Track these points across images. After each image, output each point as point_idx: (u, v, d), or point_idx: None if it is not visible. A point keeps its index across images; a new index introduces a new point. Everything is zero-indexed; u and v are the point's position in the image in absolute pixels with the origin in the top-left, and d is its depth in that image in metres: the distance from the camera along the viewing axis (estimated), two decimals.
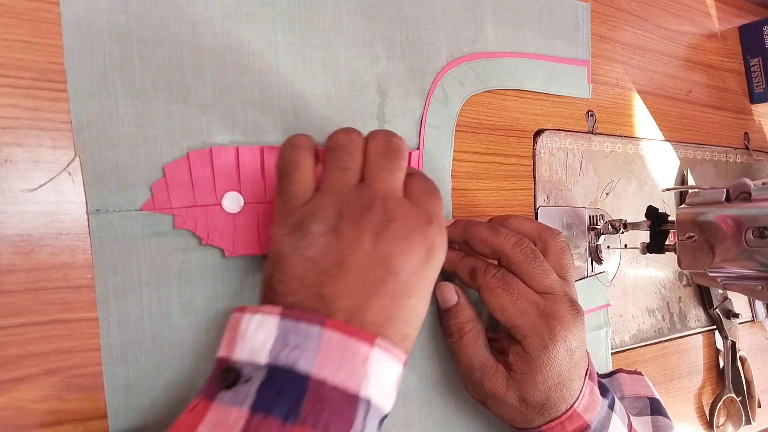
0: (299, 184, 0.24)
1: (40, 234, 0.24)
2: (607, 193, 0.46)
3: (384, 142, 0.25)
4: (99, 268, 0.25)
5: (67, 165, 0.24)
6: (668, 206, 0.51)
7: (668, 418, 0.38)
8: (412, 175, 0.27)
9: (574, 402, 0.30)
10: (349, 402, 0.20)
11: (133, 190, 0.25)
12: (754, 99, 0.59)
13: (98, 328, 0.25)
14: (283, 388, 0.20)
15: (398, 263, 0.23)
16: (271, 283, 0.23)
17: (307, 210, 0.24)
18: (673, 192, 0.51)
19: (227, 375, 0.20)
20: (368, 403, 0.21)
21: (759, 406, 0.54)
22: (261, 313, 0.21)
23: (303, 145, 0.25)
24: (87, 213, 0.24)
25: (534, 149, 0.41)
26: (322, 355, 0.20)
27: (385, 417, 0.22)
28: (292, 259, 0.23)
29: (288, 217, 0.24)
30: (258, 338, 0.21)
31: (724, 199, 0.36)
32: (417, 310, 0.24)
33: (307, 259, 0.23)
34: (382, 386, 0.22)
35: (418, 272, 0.24)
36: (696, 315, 0.53)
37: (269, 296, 0.23)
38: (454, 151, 0.36)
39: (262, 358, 0.20)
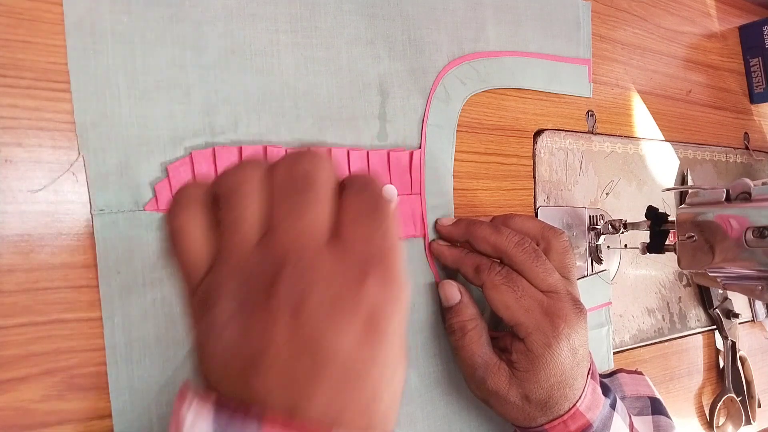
0: (190, 255, 0.19)
1: (41, 234, 0.24)
2: (607, 193, 0.46)
3: (286, 171, 0.19)
4: (103, 268, 0.25)
5: (71, 165, 0.24)
6: (668, 206, 0.51)
7: (669, 417, 0.38)
8: (345, 194, 0.20)
9: (577, 401, 0.30)
10: None
11: (137, 190, 0.25)
12: (754, 99, 0.59)
13: (99, 328, 0.25)
14: None
15: (329, 345, 0.17)
16: (199, 368, 0.19)
17: (205, 288, 0.19)
18: (673, 192, 0.52)
19: None
20: None
21: (759, 406, 0.54)
22: (196, 403, 0.17)
23: (184, 204, 0.19)
24: (91, 213, 0.24)
25: (534, 149, 0.41)
26: None
27: None
28: (210, 347, 0.18)
29: (191, 296, 0.19)
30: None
31: (724, 199, 0.36)
32: (378, 391, 0.18)
33: (224, 348, 0.18)
34: None
35: (362, 350, 0.18)
36: (696, 315, 0.53)
37: (202, 380, 0.19)
38: (455, 151, 0.36)
39: None
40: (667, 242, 0.40)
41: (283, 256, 0.18)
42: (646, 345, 0.48)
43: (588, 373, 0.31)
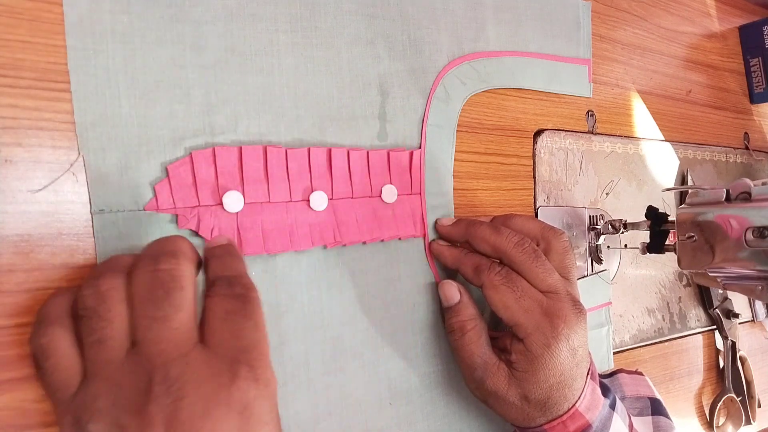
0: (56, 373, 0.19)
1: (40, 234, 0.24)
2: (607, 193, 0.46)
3: (148, 279, 0.20)
4: None
5: (71, 165, 0.24)
6: (668, 206, 0.51)
7: (669, 418, 0.38)
8: (210, 291, 0.21)
9: (576, 401, 0.30)
10: None
11: (137, 190, 0.25)
12: (754, 99, 0.59)
13: None
14: None
15: None
16: None
17: (77, 405, 0.19)
18: (673, 192, 0.52)
19: None
20: None
21: (759, 406, 0.54)
22: None
23: (50, 320, 0.20)
24: (91, 213, 0.24)
25: (534, 149, 0.41)
26: None
27: None
28: None
29: (63, 414, 0.19)
30: None
31: (724, 199, 0.36)
32: None
33: None
34: None
35: None
36: (696, 315, 0.53)
37: None
38: (455, 151, 0.36)
39: None
40: (667, 242, 0.40)
41: (151, 369, 0.18)
42: (646, 345, 0.48)
43: (587, 374, 0.31)
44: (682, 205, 0.38)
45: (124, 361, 0.19)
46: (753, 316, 0.58)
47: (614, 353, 0.45)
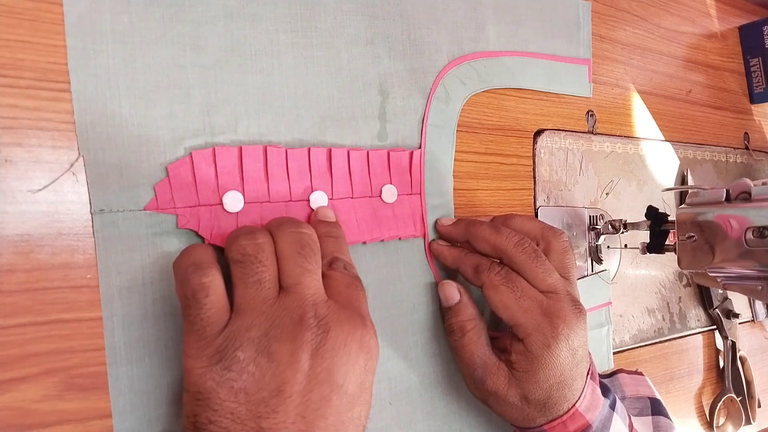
0: (213, 309, 0.22)
1: (40, 234, 0.24)
2: (607, 193, 0.46)
3: (296, 239, 0.24)
4: (103, 268, 0.25)
5: (71, 165, 0.24)
6: (668, 206, 0.51)
7: (669, 418, 0.38)
8: (332, 266, 0.25)
9: (576, 401, 0.30)
10: None
11: (137, 190, 0.25)
12: (754, 99, 0.59)
13: (99, 328, 0.25)
14: None
15: (341, 376, 0.22)
16: (197, 423, 0.21)
17: (228, 336, 0.21)
18: (673, 192, 0.52)
19: None
20: None
21: (759, 406, 0.54)
22: None
23: (207, 263, 0.22)
24: (91, 213, 0.24)
25: (534, 149, 0.41)
26: None
27: None
28: (220, 394, 0.21)
29: (205, 347, 0.21)
30: None
31: (724, 199, 0.36)
32: (361, 418, 0.23)
33: (237, 391, 0.21)
34: None
35: (361, 380, 0.23)
36: (696, 315, 0.53)
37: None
38: (455, 151, 0.36)
39: None
40: (667, 242, 0.40)
41: (303, 306, 0.22)
42: (646, 345, 0.48)
43: (587, 374, 0.31)
44: (682, 205, 0.38)
45: (277, 299, 0.22)
46: (753, 316, 0.58)
47: (614, 353, 0.45)
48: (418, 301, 0.34)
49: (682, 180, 0.52)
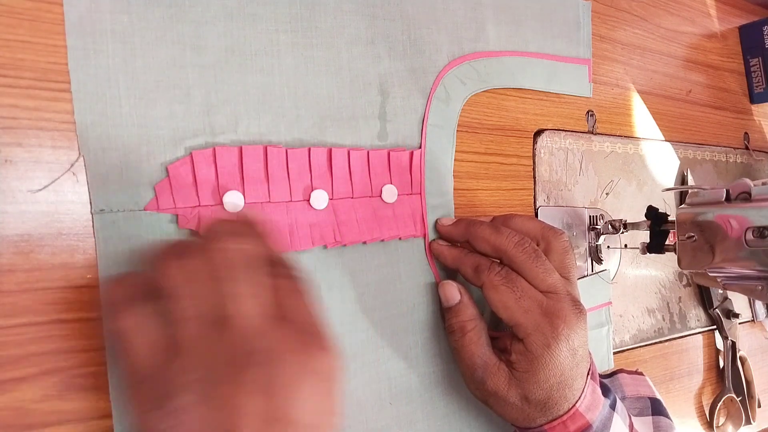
0: (145, 350, 0.20)
1: (41, 234, 0.24)
2: (607, 193, 0.46)
3: (226, 254, 0.20)
4: (103, 268, 0.25)
5: (72, 165, 0.24)
6: (668, 206, 0.51)
7: (669, 418, 0.38)
8: (273, 272, 0.22)
9: (576, 401, 0.30)
10: None
11: (137, 190, 0.25)
12: (754, 99, 0.59)
13: (99, 328, 0.25)
14: None
15: (298, 411, 0.19)
16: None
17: (165, 380, 0.19)
18: (673, 192, 0.52)
19: None
20: None
21: (759, 406, 0.54)
22: None
23: (131, 300, 0.20)
24: (91, 213, 0.24)
25: (534, 149, 0.41)
26: None
27: None
28: None
29: (143, 391, 0.20)
30: None
31: (724, 199, 0.36)
32: None
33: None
34: None
35: (321, 407, 0.20)
36: (696, 315, 0.53)
37: None
38: (455, 151, 0.36)
39: None
40: (667, 242, 0.40)
41: (243, 341, 0.19)
42: (646, 345, 0.48)
43: (588, 374, 0.31)
44: (682, 205, 0.38)
45: (213, 335, 0.19)
46: (753, 316, 0.58)
47: (614, 353, 0.45)
48: (418, 301, 0.34)
49: (682, 180, 0.52)
